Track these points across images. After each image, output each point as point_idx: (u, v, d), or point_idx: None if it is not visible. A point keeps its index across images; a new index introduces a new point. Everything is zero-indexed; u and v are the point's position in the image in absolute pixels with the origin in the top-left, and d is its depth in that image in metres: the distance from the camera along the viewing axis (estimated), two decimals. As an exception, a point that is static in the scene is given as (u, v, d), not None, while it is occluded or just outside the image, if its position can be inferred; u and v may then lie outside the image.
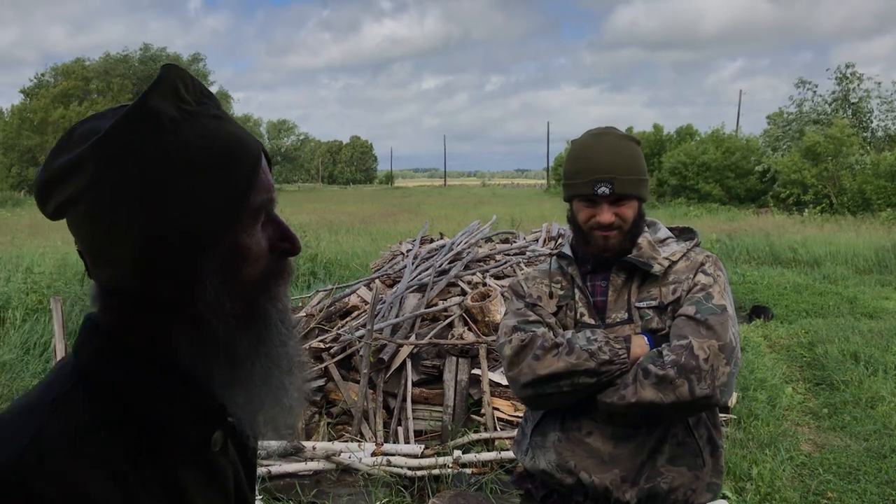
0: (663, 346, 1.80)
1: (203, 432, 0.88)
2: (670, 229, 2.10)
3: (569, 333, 1.89)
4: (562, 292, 2.02)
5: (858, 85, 31.09)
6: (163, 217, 0.78)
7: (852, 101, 31.07)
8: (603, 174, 1.88)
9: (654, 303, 1.90)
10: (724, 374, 1.75)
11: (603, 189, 1.88)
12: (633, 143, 1.98)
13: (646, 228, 2.02)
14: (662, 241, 2.00)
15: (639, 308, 1.91)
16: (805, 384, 6.64)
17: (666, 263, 1.93)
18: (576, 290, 1.99)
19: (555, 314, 2.00)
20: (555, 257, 2.10)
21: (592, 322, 1.94)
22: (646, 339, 1.85)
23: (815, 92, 31.86)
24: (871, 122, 31.42)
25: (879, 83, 31.03)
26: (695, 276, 1.90)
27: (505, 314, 2.09)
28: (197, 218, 0.79)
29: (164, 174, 0.78)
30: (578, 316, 1.97)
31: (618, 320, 1.92)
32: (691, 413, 1.85)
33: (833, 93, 31.57)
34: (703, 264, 1.93)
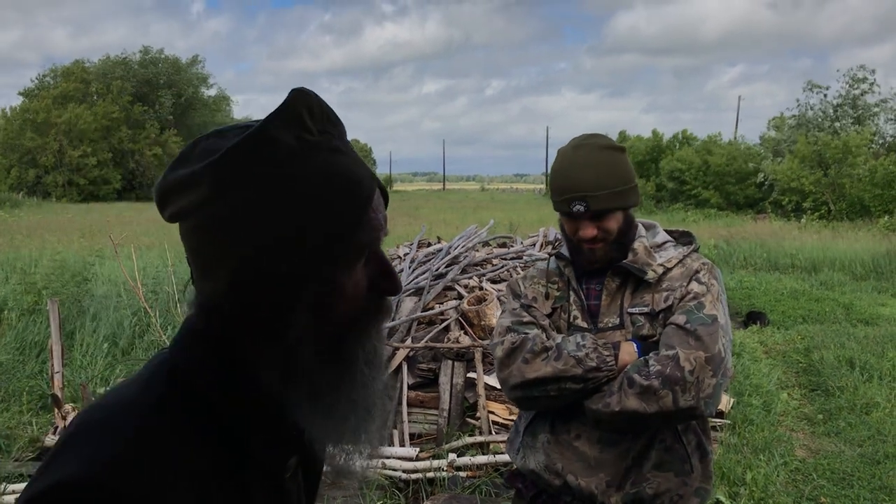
0: (650, 355, 1.79)
1: (281, 456, 0.89)
2: (669, 232, 2.09)
3: (559, 338, 1.90)
4: (558, 293, 2.02)
5: (870, 88, 30.87)
6: (265, 245, 0.79)
7: (861, 104, 30.86)
8: (577, 192, 1.87)
9: (645, 309, 1.90)
10: (710, 386, 1.74)
11: (578, 207, 1.87)
12: (612, 153, 1.93)
13: (644, 232, 2.02)
14: (660, 246, 2.00)
15: (631, 314, 1.91)
16: (800, 390, 6.65)
17: (660, 270, 1.92)
18: (571, 293, 2.00)
19: (549, 315, 2.00)
20: (553, 257, 2.09)
21: (585, 326, 1.95)
22: (635, 346, 1.85)
23: (825, 96, 31.63)
24: (875, 128, 31.32)
25: (893, 89, 30.80)
26: (688, 285, 1.89)
27: (501, 313, 2.09)
28: (298, 250, 0.79)
29: (272, 204, 0.79)
30: (572, 319, 1.98)
31: (609, 325, 1.93)
32: (676, 423, 1.86)
33: (840, 96, 31.41)
34: (697, 272, 1.92)
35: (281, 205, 0.79)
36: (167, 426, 0.80)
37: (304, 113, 0.81)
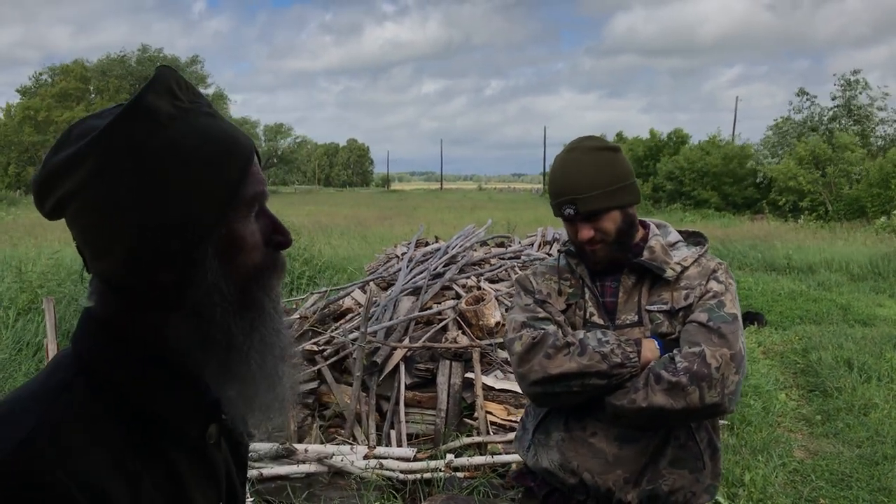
0: (675, 351, 1.80)
1: (199, 426, 0.90)
2: (679, 232, 2.09)
3: (580, 333, 1.89)
4: (570, 290, 2.02)
5: (863, 91, 31.04)
6: (161, 207, 0.81)
7: (856, 106, 31.00)
8: (566, 196, 1.89)
9: (665, 307, 1.90)
10: (733, 383, 1.76)
11: (568, 211, 1.89)
12: (603, 153, 1.93)
13: (657, 231, 2.02)
14: (673, 245, 2.00)
15: (649, 311, 1.92)
16: (798, 391, 6.65)
17: (678, 268, 1.92)
18: (585, 290, 1.99)
19: (563, 312, 2.00)
20: (563, 254, 2.08)
21: (602, 322, 1.95)
22: (656, 343, 1.86)
23: (813, 102, 31.93)
24: (874, 130, 31.42)
25: (887, 94, 30.91)
26: (707, 283, 1.90)
27: (511, 308, 2.09)
28: (194, 207, 0.82)
29: (162, 166, 0.81)
30: (588, 315, 1.97)
31: (627, 322, 1.93)
32: (699, 419, 1.87)
33: (834, 98, 31.56)
34: (715, 271, 1.93)
35: (170, 166, 0.81)
36: (73, 410, 0.81)
37: (174, 84, 0.84)
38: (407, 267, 6.72)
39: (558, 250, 2.03)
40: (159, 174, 0.80)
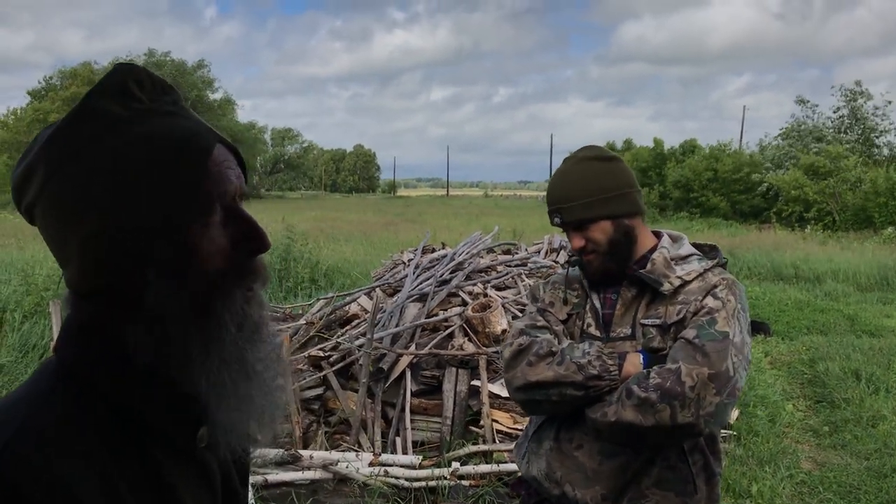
0: (653, 367, 1.76)
1: (186, 429, 0.88)
2: (698, 246, 2.04)
3: (565, 343, 1.89)
4: (576, 300, 2.01)
5: (866, 102, 31.10)
6: (104, 216, 0.79)
7: (859, 117, 31.06)
8: (553, 205, 1.94)
9: (658, 321, 1.87)
10: (712, 405, 1.69)
11: (556, 220, 1.93)
12: (595, 163, 1.93)
13: (666, 244, 1.98)
14: (684, 259, 1.95)
15: (643, 325, 1.88)
16: (806, 401, 6.61)
17: (677, 282, 1.88)
18: (588, 301, 1.99)
19: (564, 322, 1.99)
20: (576, 264, 2.07)
21: (597, 334, 1.93)
22: (641, 357, 1.82)
23: (814, 110, 31.96)
24: (878, 139, 31.43)
25: (889, 101, 30.98)
26: (703, 299, 1.85)
27: (522, 315, 2.10)
28: (138, 215, 0.79)
29: (104, 171, 0.79)
30: (585, 326, 1.96)
31: (621, 335, 1.90)
32: (675, 440, 1.80)
33: (838, 109, 31.60)
34: (715, 287, 1.87)
35: (111, 173, 0.79)
36: (56, 415, 0.79)
37: (132, 83, 0.82)
38: (413, 273, 6.71)
39: (574, 260, 2.03)
40: (102, 180, 0.78)
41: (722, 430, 2.12)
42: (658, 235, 2.03)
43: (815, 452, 5.35)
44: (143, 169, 0.79)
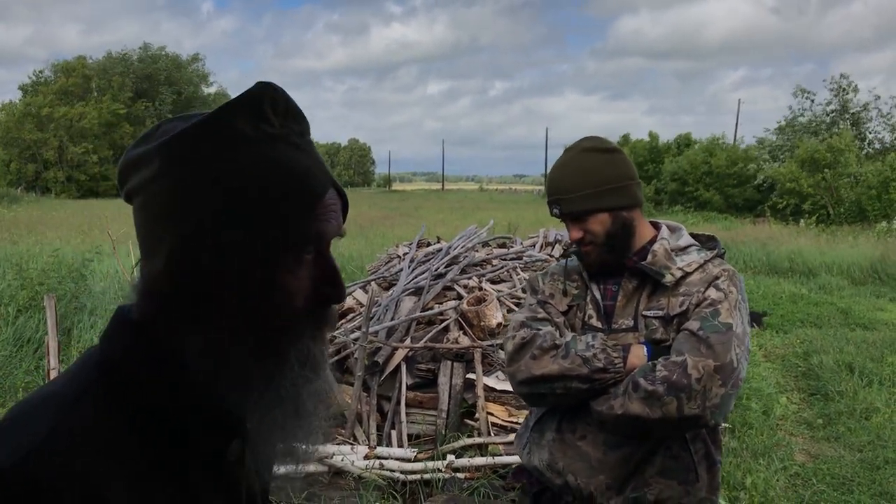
0: (659, 360, 1.77)
1: (220, 441, 0.87)
2: (695, 237, 2.05)
3: (569, 336, 1.88)
4: (576, 291, 2.01)
5: (855, 96, 31.13)
6: (207, 226, 0.79)
7: (851, 111, 31.07)
8: (552, 196, 1.93)
9: (660, 313, 1.87)
10: (718, 396, 1.71)
11: (555, 211, 1.93)
12: (595, 155, 1.94)
13: (667, 234, 1.99)
14: (683, 250, 1.95)
15: (645, 317, 1.89)
16: (800, 394, 6.64)
17: (679, 274, 1.88)
18: (588, 292, 1.98)
19: (565, 314, 1.99)
20: (575, 255, 2.07)
21: (599, 326, 1.93)
22: (645, 349, 1.82)
23: (813, 101, 31.90)
24: (868, 133, 31.41)
25: (878, 97, 31.01)
26: (706, 291, 1.86)
27: (520, 308, 2.09)
28: (234, 239, 0.79)
29: (218, 188, 0.79)
30: (586, 318, 1.96)
31: (623, 327, 1.90)
32: (681, 431, 1.82)
33: (829, 103, 31.60)
34: (717, 278, 1.88)
35: (226, 191, 0.78)
36: (90, 415, 0.78)
37: (267, 104, 0.82)
38: (409, 267, 6.71)
39: (573, 251, 2.02)
40: (215, 194, 0.78)
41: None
42: (656, 226, 2.03)
43: (809, 445, 5.37)
44: (256, 192, 0.79)
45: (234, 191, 0.79)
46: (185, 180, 0.79)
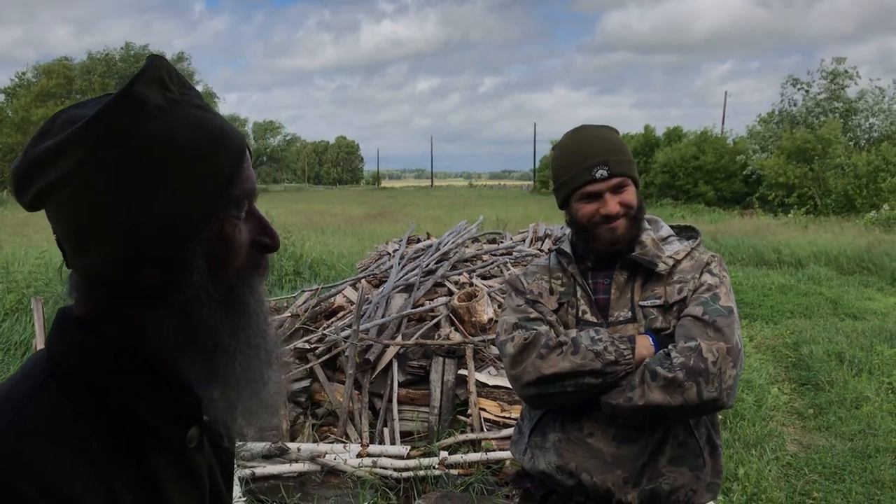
0: (670, 347, 1.77)
1: (179, 428, 0.88)
2: (671, 227, 2.07)
3: (573, 332, 1.86)
4: (562, 289, 1.98)
5: (847, 81, 31.03)
6: (150, 202, 0.78)
7: (841, 100, 31.00)
8: (598, 157, 1.86)
9: (658, 301, 1.88)
10: (731, 377, 1.73)
11: (601, 172, 1.85)
12: (613, 130, 1.98)
13: (648, 226, 1.99)
14: (664, 239, 1.97)
15: (643, 307, 1.89)
16: (791, 384, 6.66)
17: (670, 262, 1.90)
18: (577, 288, 1.96)
19: (556, 311, 1.97)
20: (554, 253, 2.06)
21: (595, 320, 1.92)
22: (650, 339, 1.82)
23: (807, 91, 31.80)
24: (861, 123, 31.40)
25: (882, 89, 30.81)
26: (701, 276, 1.88)
27: (503, 310, 2.05)
28: (183, 204, 0.79)
29: (150, 160, 0.78)
30: (580, 314, 1.94)
31: (621, 318, 1.89)
32: (697, 416, 1.84)
33: (820, 92, 31.55)
34: (708, 264, 1.91)
35: (160, 159, 0.78)
36: (48, 410, 0.78)
37: (165, 74, 0.82)
38: (399, 264, 6.70)
39: (549, 249, 2.00)
40: (147, 168, 0.77)
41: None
42: None
43: (801, 435, 5.40)
44: (187, 157, 0.79)
45: (169, 157, 0.78)
46: (117, 163, 0.77)
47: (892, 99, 30.57)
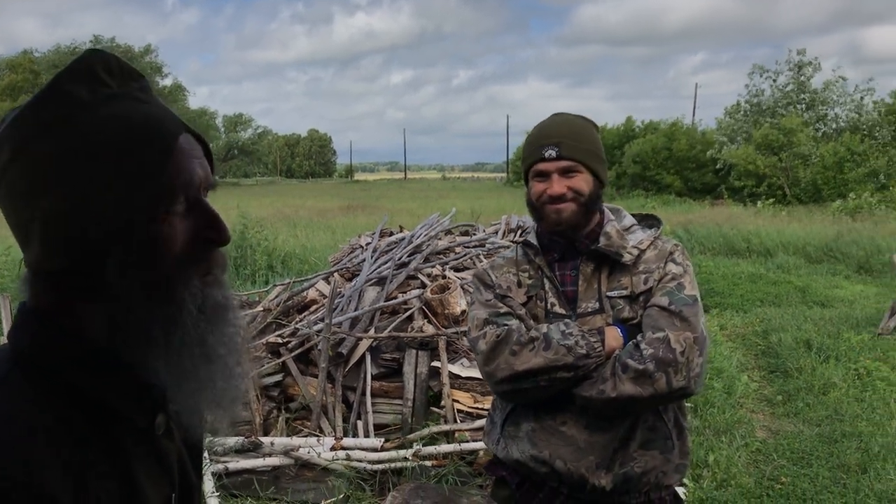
0: (640, 338, 1.80)
1: (146, 415, 0.88)
2: (633, 216, 2.09)
3: (544, 327, 1.87)
4: (530, 281, 1.99)
5: (815, 74, 31.44)
6: (71, 196, 0.78)
7: (807, 91, 31.39)
8: (550, 139, 1.90)
9: (625, 292, 1.90)
10: (698, 366, 1.77)
11: (550, 152, 1.88)
12: (586, 121, 1.99)
13: (611, 216, 2.01)
14: (628, 229, 1.99)
15: (610, 297, 1.90)
16: (760, 372, 6.76)
17: (635, 252, 1.92)
18: (545, 280, 1.97)
19: (524, 304, 1.97)
20: (520, 245, 2.07)
21: (563, 312, 1.93)
22: (619, 330, 1.85)
23: (774, 81, 32.12)
24: (827, 113, 31.79)
25: (844, 78, 31.26)
26: (665, 266, 1.90)
27: (472, 304, 2.05)
28: (105, 198, 0.79)
29: (73, 154, 0.78)
30: (549, 306, 1.95)
31: (589, 310, 1.91)
32: (667, 404, 1.88)
33: (787, 85, 31.92)
34: (672, 253, 1.94)
35: (82, 154, 0.79)
36: (10, 403, 0.79)
37: (100, 68, 0.82)
38: (371, 257, 6.68)
39: (514, 241, 2.01)
40: (70, 162, 0.78)
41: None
42: (599, 210, 2.05)
43: (770, 421, 5.48)
44: (111, 152, 0.79)
45: (90, 153, 0.79)
46: (38, 155, 0.79)
47: (856, 90, 31.02)
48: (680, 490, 1.99)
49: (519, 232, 8.57)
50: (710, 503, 3.94)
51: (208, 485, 3.94)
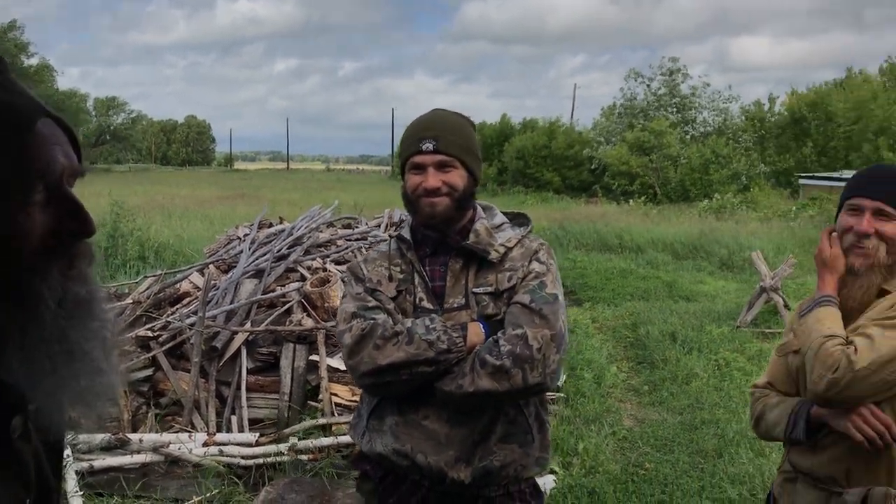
0: (499, 334, 1.84)
1: (1, 418, 0.84)
2: (504, 214, 2.13)
3: (408, 322, 1.89)
4: (401, 276, 2.00)
5: (684, 80, 33.12)
6: None
7: (677, 95, 32.99)
8: (429, 132, 1.92)
9: (490, 289, 1.93)
10: (554, 362, 1.82)
11: (427, 145, 1.90)
12: (463, 119, 2.03)
13: (483, 214, 2.05)
14: (498, 227, 2.03)
15: (475, 294, 1.94)
16: (629, 363, 7.06)
17: (502, 250, 1.96)
18: (415, 275, 1.99)
19: (394, 298, 1.99)
20: (394, 239, 2.08)
21: (431, 307, 1.95)
22: (481, 326, 1.88)
23: (648, 86, 33.57)
24: (696, 117, 33.48)
25: (708, 84, 33.10)
26: (529, 264, 1.94)
27: (344, 297, 2.05)
28: None
29: None
30: (417, 301, 1.97)
31: (455, 305, 1.94)
32: (524, 399, 1.92)
33: (659, 88, 33.44)
34: (536, 252, 1.98)
35: None
36: None
37: None
38: (249, 249, 6.54)
39: (389, 235, 2.03)
40: None
41: (549, 392, 2.24)
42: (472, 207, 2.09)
43: (636, 410, 5.74)
44: None
45: None
46: None
47: (718, 94, 32.95)
48: (549, 478, 2.06)
49: (402, 225, 8.60)
50: (578, 490, 4.09)
51: (70, 484, 3.75)
